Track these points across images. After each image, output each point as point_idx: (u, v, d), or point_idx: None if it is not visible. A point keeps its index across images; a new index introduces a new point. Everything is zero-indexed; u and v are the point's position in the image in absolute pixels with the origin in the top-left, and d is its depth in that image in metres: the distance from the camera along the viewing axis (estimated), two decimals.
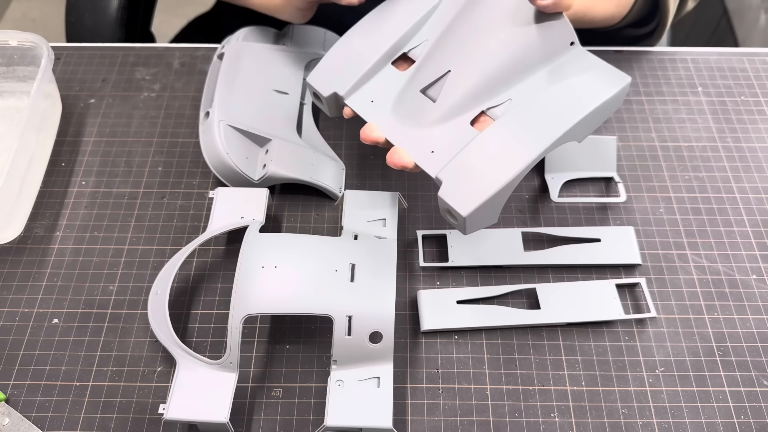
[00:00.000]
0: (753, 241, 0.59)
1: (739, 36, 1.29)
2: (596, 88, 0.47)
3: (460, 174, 0.46)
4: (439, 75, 0.49)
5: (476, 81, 0.48)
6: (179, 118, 0.67)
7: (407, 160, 0.48)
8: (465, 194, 0.45)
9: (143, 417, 0.50)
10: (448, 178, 0.46)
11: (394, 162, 0.48)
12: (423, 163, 0.48)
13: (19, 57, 0.65)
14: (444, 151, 0.48)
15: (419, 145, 0.48)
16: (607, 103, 0.47)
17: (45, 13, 1.94)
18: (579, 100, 0.47)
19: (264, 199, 0.58)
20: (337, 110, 0.54)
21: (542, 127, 0.46)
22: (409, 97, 0.50)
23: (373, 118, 0.50)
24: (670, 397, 0.51)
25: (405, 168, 0.48)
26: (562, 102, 0.47)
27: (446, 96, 0.49)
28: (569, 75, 0.48)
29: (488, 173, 0.45)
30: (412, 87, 0.50)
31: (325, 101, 0.53)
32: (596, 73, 0.48)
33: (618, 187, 0.61)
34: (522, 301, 0.56)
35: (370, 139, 0.50)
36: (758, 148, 0.65)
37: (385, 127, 0.50)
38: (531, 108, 0.47)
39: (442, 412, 0.51)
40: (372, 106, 0.51)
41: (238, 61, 0.63)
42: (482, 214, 0.46)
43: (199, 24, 1.00)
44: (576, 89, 0.47)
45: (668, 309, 0.55)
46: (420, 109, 0.49)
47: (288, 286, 0.49)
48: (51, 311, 0.55)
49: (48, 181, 0.63)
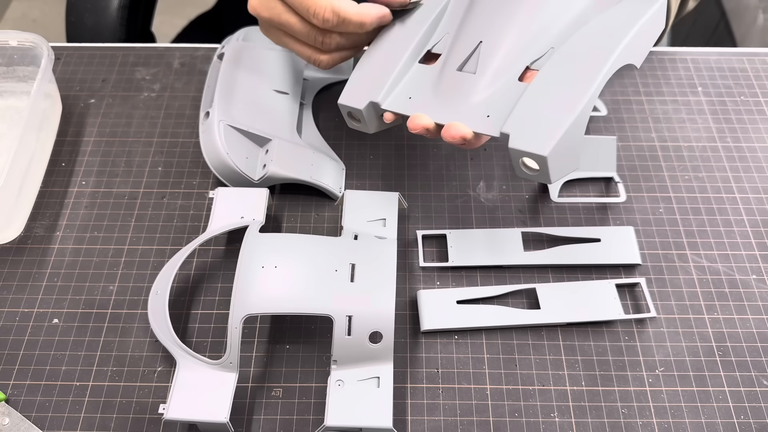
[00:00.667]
0: (753, 241, 0.59)
1: (737, 36, 1.29)
2: (632, 11, 0.47)
3: (527, 120, 0.45)
4: (471, 50, 0.49)
5: (511, 40, 0.48)
6: (179, 118, 0.67)
7: (465, 130, 0.46)
8: (539, 135, 0.44)
9: (143, 417, 0.50)
10: (515, 127, 0.45)
11: (452, 135, 0.46)
12: (482, 128, 0.46)
13: (19, 57, 0.65)
14: (500, 111, 0.47)
15: (472, 116, 0.47)
16: (648, 22, 0.47)
17: (45, 13, 1.94)
18: (618, 26, 0.47)
19: (264, 199, 0.58)
20: (378, 123, 0.53)
21: (593, 57, 0.46)
22: (447, 79, 0.49)
23: (417, 110, 0.49)
24: (670, 397, 0.51)
25: (464, 139, 0.46)
26: (603, 33, 0.47)
27: (485, 64, 0.48)
28: (602, 8, 0.48)
29: (557, 109, 0.44)
30: (447, 69, 0.50)
31: (363, 115, 0.52)
32: (627, 1, 0.48)
33: (618, 187, 0.61)
34: (522, 301, 0.56)
35: (420, 126, 0.48)
36: (758, 148, 0.65)
37: (431, 113, 0.49)
38: (575, 46, 0.47)
39: (442, 412, 0.51)
40: (411, 102, 0.50)
41: (238, 61, 0.64)
42: (563, 153, 0.44)
43: (199, 24, 1.00)
44: (612, 19, 0.48)
45: (668, 309, 0.55)
46: (462, 85, 0.49)
47: (288, 286, 0.49)
48: (51, 311, 0.55)
49: (48, 181, 0.63)
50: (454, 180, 0.63)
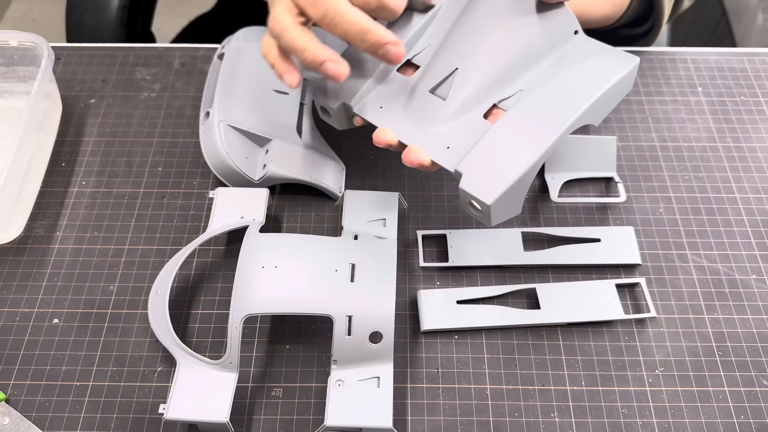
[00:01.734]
0: (753, 241, 0.59)
1: (737, 36, 1.29)
2: (606, 70, 0.48)
3: (480, 164, 0.45)
4: (446, 74, 0.49)
5: (484, 75, 0.48)
6: (179, 118, 0.67)
7: (423, 157, 0.47)
8: (487, 183, 0.45)
9: (143, 417, 0.50)
10: (468, 169, 0.46)
11: (410, 160, 0.47)
12: (440, 159, 0.47)
13: (20, 57, 0.65)
14: (460, 146, 0.47)
15: (434, 143, 0.48)
16: (618, 84, 0.47)
17: (45, 13, 1.94)
18: (591, 82, 0.47)
19: (264, 199, 0.58)
20: (347, 122, 0.53)
21: (557, 112, 0.46)
22: (418, 99, 0.50)
23: (385, 123, 0.50)
24: (669, 397, 0.51)
25: (422, 165, 0.48)
26: (574, 86, 0.47)
27: (456, 92, 0.49)
28: (577, 61, 0.49)
29: (509, 160, 0.45)
30: (420, 88, 0.50)
31: (334, 114, 0.52)
32: (604, 57, 0.49)
33: (618, 187, 0.61)
34: (522, 301, 0.56)
35: (384, 142, 0.49)
36: (758, 148, 0.65)
37: (398, 129, 0.49)
38: (544, 95, 0.47)
39: (442, 412, 0.51)
40: (382, 112, 0.51)
41: (238, 62, 0.64)
42: (506, 202, 0.45)
43: (199, 24, 1.00)
44: (586, 73, 0.48)
45: (668, 309, 0.55)
46: (431, 109, 0.49)
47: (288, 286, 0.49)
48: (51, 311, 0.55)
49: (48, 181, 0.63)
50: (454, 180, 0.62)
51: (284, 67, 0.49)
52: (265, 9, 0.55)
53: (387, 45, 0.46)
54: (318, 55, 0.46)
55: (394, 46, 0.46)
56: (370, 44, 0.46)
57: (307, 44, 0.46)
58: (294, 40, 0.47)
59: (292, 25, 0.47)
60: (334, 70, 0.47)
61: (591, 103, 0.46)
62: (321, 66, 0.46)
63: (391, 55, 0.47)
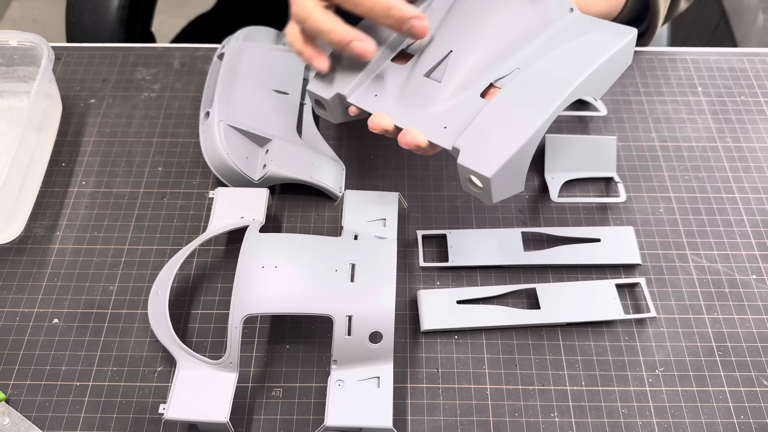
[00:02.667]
0: (753, 241, 0.59)
1: (737, 36, 1.29)
2: (602, 42, 0.48)
3: (479, 138, 0.45)
4: (440, 57, 0.49)
5: (479, 54, 0.48)
6: (179, 118, 0.67)
7: (420, 138, 0.47)
8: (486, 156, 0.44)
9: (143, 417, 0.50)
10: (466, 144, 0.45)
11: (407, 142, 0.47)
12: (437, 138, 0.47)
13: (20, 57, 0.65)
14: (457, 124, 0.47)
15: (431, 125, 0.48)
16: (616, 56, 0.47)
17: (45, 13, 1.94)
18: (587, 55, 0.47)
19: (264, 199, 0.58)
20: (342, 115, 0.53)
21: (554, 84, 0.46)
22: (413, 83, 0.50)
23: (380, 109, 0.50)
24: (669, 397, 0.51)
25: (419, 147, 0.47)
26: (571, 59, 0.47)
27: (451, 74, 0.48)
28: (574, 36, 0.49)
29: (507, 132, 0.45)
30: (415, 73, 0.50)
31: (329, 105, 0.52)
32: (601, 30, 0.49)
33: (618, 187, 0.61)
34: (522, 301, 0.56)
35: (380, 127, 0.49)
36: (758, 148, 0.65)
37: (393, 114, 0.49)
38: (539, 70, 0.47)
39: (442, 412, 0.51)
40: (377, 100, 0.51)
41: (238, 61, 0.64)
42: (507, 176, 0.45)
43: (199, 24, 1.00)
44: (583, 46, 0.48)
45: (668, 309, 0.55)
46: (426, 91, 0.49)
47: (288, 286, 0.49)
48: (51, 311, 0.55)
49: (48, 181, 0.63)
50: (454, 180, 0.63)
51: (311, 52, 0.49)
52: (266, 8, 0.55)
53: (412, 19, 0.47)
54: (345, 35, 0.47)
55: (418, 20, 0.47)
56: (395, 19, 0.47)
57: (334, 26, 0.47)
58: (320, 22, 0.47)
59: (316, 8, 0.48)
60: (362, 47, 0.47)
61: (588, 74, 0.46)
62: (348, 45, 0.47)
63: (416, 30, 0.47)
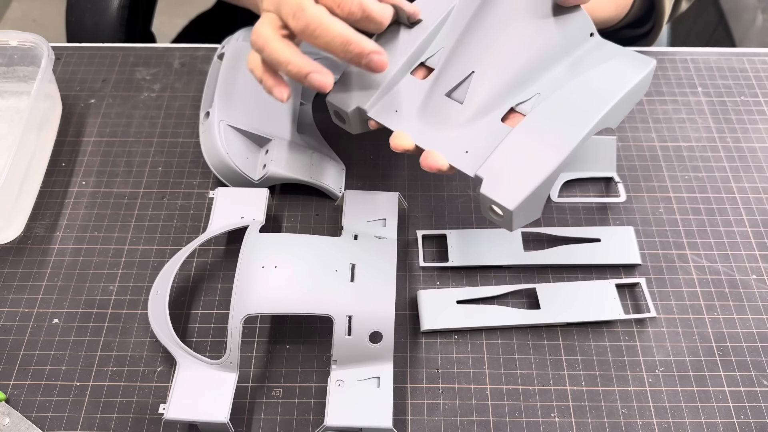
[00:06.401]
0: (753, 241, 0.59)
1: (735, 36, 1.29)
2: (623, 73, 0.48)
3: (501, 169, 0.45)
4: (462, 77, 0.49)
5: (501, 78, 0.48)
6: (179, 118, 0.67)
7: (442, 162, 0.47)
8: (509, 188, 0.44)
9: (143, 417, 0.50)
10: (489, 174, 0.45)
11: (429, 165, 0.47)
12: (458, 164, 0.47)
13: (20, 57, 0.65)
14: (479, 150, 0.47)
15: (452, 147, 0.48)
16: (636, 87, 0.48)
17: (45, 13, 1.94)
18: (609, 86, 0.47)
19: (264, 199, 0.58)
20: (361, 126, 0.53)
21: (577, 116, 0.46)
22: (434, 102, 0.50)
23: (400, 127, 0.50)
24: (669, 397, 0.51)
25: (440, 170, 0.47)
26: (593, 90, 0.47)
27: (473, 96, 0.48)
28: (594, 64, 0.49)
29: (530, 164, 0.45)
30: (436, 92, 0.50)
31: (348, 118, 0.52)
32: (621, 60, 0.49)
33: (618, 187, 0.61)
34: (522, 301, 0.56)
35: (401, 147, 0.48)
36: (758, 148, 0.65)
37: (414, 134, 0.49)
38: (562, 99, 0.47)
39: (442, 412, 0.51)
40: (397, 116, 0.50)
41: (238, 61, 0.63)
42: (528, 207, 0.45)
43: (199, 24, 1.00)
44: (605, 76, 0.48)
45: (668, 309, 0.55)
46: (447, 112, 0.49)
47: (288, 286, 0.49)
48: (51, 311, 0.55)
49: (48, 181, 0.63)
50: (454, 180, 0.63)
51: (272, 81, 0.48)
52: None
53: (371, 54, 0.45)
54: (303, 67, 0.45)
55: (377, 55, 0.46)
56: (354, 55, 0.45)
57: (291, 56, 0.46)
58: (276, 52, 0.46)
59: (274, 38, 0.46)
60: (320, 81, 0.46)
61: (610, 107, 0.46)
62: (306, 78, 0.46)
63: (375, 65, 0.46)
